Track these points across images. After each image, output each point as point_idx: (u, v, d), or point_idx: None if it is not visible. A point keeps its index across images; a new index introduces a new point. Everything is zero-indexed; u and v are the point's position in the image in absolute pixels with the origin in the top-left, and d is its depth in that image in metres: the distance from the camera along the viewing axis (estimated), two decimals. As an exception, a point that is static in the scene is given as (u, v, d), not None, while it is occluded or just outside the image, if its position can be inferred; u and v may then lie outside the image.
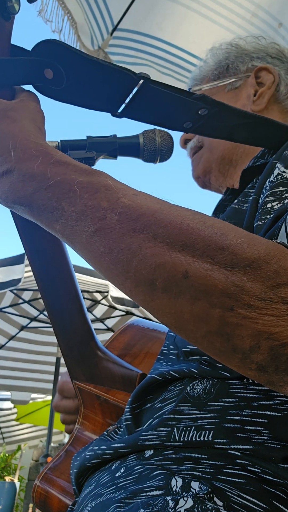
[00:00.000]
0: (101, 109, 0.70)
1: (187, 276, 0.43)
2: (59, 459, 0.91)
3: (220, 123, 0.75)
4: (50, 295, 0.82)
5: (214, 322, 0.43)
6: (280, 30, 2.29)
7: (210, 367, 0.62)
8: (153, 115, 0.73)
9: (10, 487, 6.31)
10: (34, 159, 0.53)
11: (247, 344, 0.42)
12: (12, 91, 0.66)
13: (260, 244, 0.44)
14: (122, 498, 0.52)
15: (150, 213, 0.47)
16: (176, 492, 0.49)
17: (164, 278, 0.44)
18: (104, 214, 0.48)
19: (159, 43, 2.40)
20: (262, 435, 0.53)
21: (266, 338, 0.41)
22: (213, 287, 0.43)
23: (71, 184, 0.50)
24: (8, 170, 0.53)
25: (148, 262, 0.45)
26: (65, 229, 0.50)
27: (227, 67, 0.97)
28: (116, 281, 0.49)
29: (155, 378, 0.68)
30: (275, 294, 0.42)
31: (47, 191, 0.51)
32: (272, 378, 0.43)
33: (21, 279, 3.56)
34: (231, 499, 0.48)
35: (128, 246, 0.46)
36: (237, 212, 0.73)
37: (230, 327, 0.42)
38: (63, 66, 0.63)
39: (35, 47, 0.62)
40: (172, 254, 0.44)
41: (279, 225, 0.51)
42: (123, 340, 1.00)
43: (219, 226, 0.46)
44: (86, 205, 0.49)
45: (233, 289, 0.42)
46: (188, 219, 0.46)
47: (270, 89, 0.93)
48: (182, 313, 0.44)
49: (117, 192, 0.49)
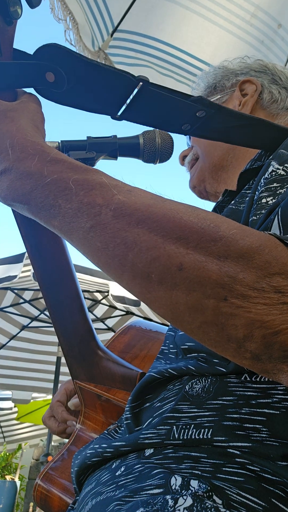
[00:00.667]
0: (101, 112, 0.71)
1: (181, 268, 0.44)
2: (60, 458, 0.92)
3: (218, 125, 0.76)
4: (51, 294, 0.83)
5: (209, 312, 0.44)
6: (280, 31, 2.30)
7: (207, 364, 0.62)
8: (152, 117, 0.73)
9: (11, 486, 6.31)
10: (31, 157, 0.54)
11: (240, 333, 0.43)
12: (14, 93, 0.67)
13: (252, 235, 0.45)
14: (122, 496, 0.53)
15: (144, 208, 0.48)
16: (175, 490, 0.49)
17: (159, 271, 0.45)
18: (99, 210, 0.49)
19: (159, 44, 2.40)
20: (260, 433, 0.54)
21: (259, 327, 0.42)
22: (207, 278, 0.43)
23: (67, 182, 0.52)
24: (6, 168, 0.55)
25: (143, 255, 0.46)
26: (62, 226, 0.52)
27: (214, 86, 1.03)
28: (114, 274, 0.50)
29: (154, 377, 0.69)
30: (267, 283, 0.42)
31: (44, 189, 0.52)
32: (266, 366, 0.44)
33: (17, 276, 3.56)
34: (230, 497, 0.48)
35: (123, 240, 0.47)
36: (234, 212, 0.74)
37: (224, 317, 0.43)
38: (64, 70, 0.63)
39: (36, 51, 0.63)
40: (167, 247, 0.45)
41: (271, 218, 0.52)
42: (123, 340, 1.01)
43: (211, 218, 0.47)
44: (81, 202, 0.50)
45: (226, 279, 0.43)
46: (182, 212, 0.47)
47: (252, 97, 0.97)
48: (178, 304, 0.45)
49: (112, 189, 0.51)
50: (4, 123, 0.58)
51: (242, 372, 0.59)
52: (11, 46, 0.63)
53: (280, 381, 0.45)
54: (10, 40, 0.62)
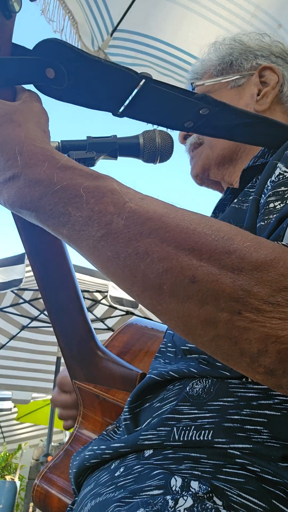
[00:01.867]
0: (102, 109, 0.70)
1: (194, 280, 0.43)
2: (58, 458, 0.91)
3: (221, 122, 0.75)
4: (50, 294, 0.82)
5: (222, 326, 0.43)
6: (280, 31, 2.29)
7: (209, 367, 0.62)
8: (154, 114, 0.73)
9: (11, 486, 6.31)
10: (40, 164, 0.52)
11: (254, 347, 0.42)
12: (13, 90, 0.66)
13: (267, 248, 0.44)
14: (122, 497, 0.52)
15: (156, 218, 0.47)
16: (175, 491, 0.49)
17: (171, 283, 0.44)
18: (111, 219, 0.48)
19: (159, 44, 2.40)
20: (261, 434, 0.53)
21: (274, 342, 0.41)
22: (220, 291, 0.42)
23: (77, 189, 0.50)
24: (15, 175, 0.53)
25: (155, 266, 0.45)
26: (72, 234, 0.50)
27: (230, 63, 0.96)
28: (124, 285, 0.49)
29: (155, 379, 0.68)
30: (283, 297, 0.41)
31: (53, 196, 0.51)
32: (280, 381, 0.43)
33: (23, 279, 3.56)
34: (230, 498, 0.48)
35: (135, 250, 0.46)
36: (237, 212, 0.73)
37: (238, 330, 0.42)
38: (65, 66, 0.62)
39: (36, 46, 0.62)
40: (179, 259, 0.44)
41: (284, 226, 0.51)
42: (122, 339, 1.00)
43: (225, 230, 0.46)
44: (92, 210, 0.49)
45: (241, 293, 0.42)
46: (195, 223, 0.46)
47: (274, 89, 0.92)
48: (190, 317, 0.44)
49: (124, 197, 0.49)
50: (11, 128, 0.57)
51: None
52: (10, 41, 0.62)
53: None
54: (9, 35, 0.61)
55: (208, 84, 0.96)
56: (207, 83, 0.96)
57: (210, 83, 0.96)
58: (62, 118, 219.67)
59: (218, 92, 0.95)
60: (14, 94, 0.66)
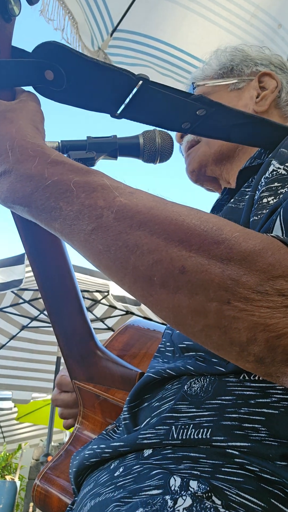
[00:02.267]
0: (100, 110, 0.71)
1: (184, 271, 0.44)
2: (58, 458, 0.91)
3: (218, 123, 0.75)
4: (49, 294, 0.83)
5: (212, 315, 0.43)
6: (280, 31, 2.29)
7: (205, 363, 0.62)
8: (151, 115, 0.73)
9: (11, 486, 6.31)
10: (31, 159, 0.53)
11: (244, 336, 0.43)
12: (12, 92, 0.66)
13: (255, 238, 0.45)
14: (121, 497, 0.52)
15: (145, 211, 0.48)
16: (175, 491, 0.49)
17: (161, 274, 0.45)
18: (101, 213, 0.48)
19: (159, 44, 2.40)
20: (259, 433, 0.54)
21: (262, 330, 0.42)
22: (209, 281, 0.43)
23: (68, 184, 0.51)
24: (6, 170, 0.54)
25: (145, 258, 0.46)
26: (63, 228, 0.51)
27: (231, 68, 0.99)
28: (115, 277, 0.50)
29: (152, 377, 0.68)
30: (271, 286, 0.42)
31: (44, 191, 0.51)
32: (270, 369, 0.44)
33: (23, 280, 3.57)
34: (229, 497, 0.48)
35: (125, 243, 0.47)
36: (234, 211, 0.74)
37: (227, 320, 0.43)
38: (64, 68, 0.63)
39: (35, 49, 0.62)
40: (169, 250, 0.45)
41: (273, 218, 0.52)
42: (122, 340, 1.00)
43: (214, 221, 0.47)
44: (83, 204, 0.49)
45: (229, 282, 0.43)
46: (184, 215, 0.47)
47: (273, 93, 0.94)
48: (180, 307, 0.45)
49: (113, 191, 0.50)
50: (3, 125, 0.58)
51: (241, 372, 0.59)
52: (10, 44, 0.62)
53: (283, 384, 0.45)
54: (8, 38, 0.62)
55: (209, 85, 0.98)
56: (208, 84, 0.98)
57: (211, 84, 0.98)
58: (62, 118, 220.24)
59: (218, 93, 0.97)
60: (14, 95, 0.66)
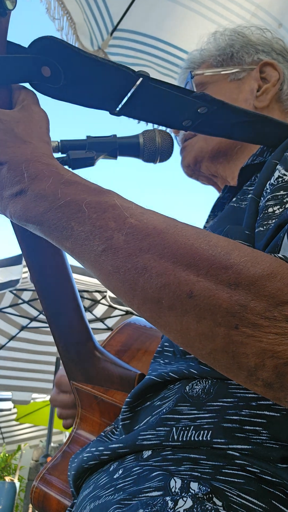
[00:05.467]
0: (99, 108, 0.70)
1: (191, 295, 0.44)
2: (57, 460, 0.91)
3: (220, 121, 0.75)
4: (47, 295, 0.82)
5: (219, 340, 0.43)
6: (280, 31, 2.29)
7: (209, 367, 0.62)
8: (152, 113, 0.72)
9: (10, 487, 6.31)
10: (45, 180, 0.54)
11: (252, 362, 0.42)
12: (8, 89, 0.65)
13: (264, 262, 0.44)
14: (121, 499, 0.52)
15: (156, 234, 0.48)
16: (175, 492, 0.49)
17: (169, 297, 0.45)
18: (112, 234, 0.49)
19: (159, 44, 2.40)
20: (260, 435, 0.53)
21: (271, 357, 0.41)
22: (217, 306, 0.43)
23: (80, 205, 0.51)
24: (21, 190, 0.54)
25: (153, 281, 0.46)
26: (74, 247, 0.51)
27: (231, 55, 0.95)
28: (125, 298, 0.50)
29: (155, 380, 0.68)
30: (279, 312, 0.41)
31: (57, 211, 0.52)
32: (278, 394, 0.43)
33: (20, 280, 3.58)
34: (230, 499, 0.48)
35: (134, 265, 0.47)
36: (236, 210, 0.73)
37: (235, 345, 0.42)
38: (61, 64, 0.62)
39: (31, 44, 0.61)
40: (177, 274, 0.45)
41: (281, 235, 0.52)
42: (120, 339, 1.00)
43: (222, 245, 0.46)
44: (94, 225, 0.50)
45: (237, 308, 0.42)
46: (193, 238, 0.47)
47: (274, 86, 0.92)
48: (188, 330, 0.45)
49: (124, 212, 0.50)
50: (16, 146, 0.57)
51: None
52: (5, 39, 0.61)
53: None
54: (3, 32, 0.60)
55: (207, 74, 0.95)
56: (207, 73, 0.95)
57: (209, 73, 0.95)
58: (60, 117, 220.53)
59: (217, 83, 0.94)
60: (10, 92, 0.65)
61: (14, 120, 0.60)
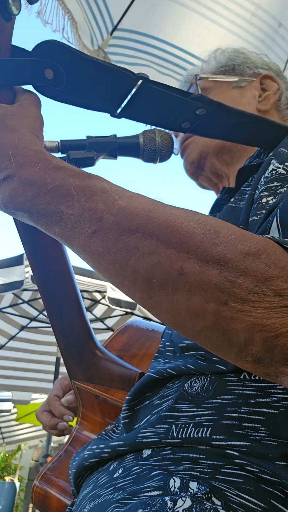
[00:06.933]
0: (100, 110, 0.70)
1: (182, 272, 0.45)
2: (58, 459, 0.91)
3: (218, 122, 0.75)
4: (49, 295, 0.82)
5: (210, 317, 0.44)
6: (280, 30, 2.29)
7: (206, 362, 0.62)
8: (151, 115, 0.73)
9: (10, 487, 6.31)
10: (33, 165, 0.54)
11: (241, 337, 0.43)
12: (12, 91, 0.66)
13: (251, 240, 0.45)
14: (121, 499, 0.53)
15: (144, 213, 0.48)
16: (174, 492, 0.49)
17: (160, 276, 0.45)
18: (101, 216, 0.49)
19: (159, 43, 2.39)
20: (259, 432, 0.54)
21: (260, 331, 0.42)
22: (207, 282, 0.44)
23: (69, 188, 0.52)
24: (8, 176, 0.54)
25: (144, 260, 0.46)
26: (64, 232, 0.52)
27: (233, 67, 1.00)
28: (115, 280, 0.50)
29: (153, 377, 0.68)
30: (267, 287, 0.42)
31: (46, 196, 0.52)
32: (268, 369, 0.44)
33: (23, 282, 3.56)
34: (229, 498, 0.48)
35: (125, 245, 0.47)
36: (234, 210, 0.74)
37: (225, 321, 0.43)
38: (63, 67, 0.63)
39: (35, 48, 0.62)
40: (168, 252, 0.45)
41: (270, 219, 0.52)
42: (121, 340, 1.00)
43: (211, 223, 0.47)
44: (83, 208, 0.50)
45: (226, 283, 0.43)
46: (182, 217, 0.48)
47: (275, 94, 0.96)
48: (179, 309, 0.45)
49: (113, 195, 0.51)
50: (5, 133, 0.58)
51: (242, 371, 0.59)
52: (10, 43, 0.62)
53: (282, 384, 0.45)
54: (8, 37, 0.61)
55: (212, 80, 0.98)
56: (211, 78, 0.99)
57: (213, 79, 0.99)
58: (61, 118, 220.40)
59: (220, 89, 0.98)
60: (14, 94, 0.66)
61: (7, 113, 0.61)
